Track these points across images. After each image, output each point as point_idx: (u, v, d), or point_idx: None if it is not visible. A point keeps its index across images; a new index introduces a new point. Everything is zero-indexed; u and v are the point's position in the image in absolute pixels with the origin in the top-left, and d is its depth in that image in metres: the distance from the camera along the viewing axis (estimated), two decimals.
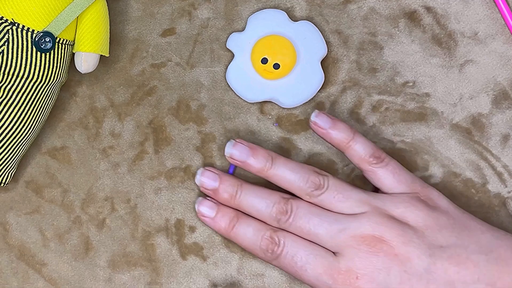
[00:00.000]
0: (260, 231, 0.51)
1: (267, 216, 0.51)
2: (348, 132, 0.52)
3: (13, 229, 0.55)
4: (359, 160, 0.52)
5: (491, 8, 0.55)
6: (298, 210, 0.50)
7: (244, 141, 0.52)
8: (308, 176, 0.51)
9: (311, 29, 0.55)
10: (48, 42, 0.50)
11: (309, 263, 0.50)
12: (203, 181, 0.53)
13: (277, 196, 0.51)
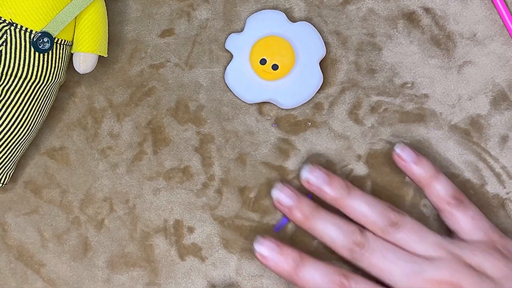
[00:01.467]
0: (330, 276, 0.49)
1: (340, 245, 0.50)
2: (431, 169, 0.51)
3: (11, 230, 0.55)
4: (438, 199, 0.51)
5: (490, 9, 0.55)
6: (374, 244, 0.49)
7: (321, 167, 0.51)
8: (384, 211, 0.50)
9: (309, 30, 0.55)
10: (46, 43, 0.50)
11: None
12: (280, 198, 0.52)
13: (354, 227, 0.50)
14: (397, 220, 0.50)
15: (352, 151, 0.55)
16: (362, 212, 0.50)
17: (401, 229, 0.49)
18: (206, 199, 0.55)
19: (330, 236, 0.50)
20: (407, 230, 0.49)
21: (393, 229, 0.49)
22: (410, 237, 0.49)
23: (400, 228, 0.49)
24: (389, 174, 0.54)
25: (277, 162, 0.55)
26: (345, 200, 0.51)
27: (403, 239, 0.49)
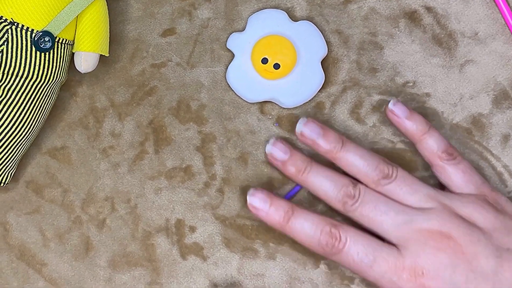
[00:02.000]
0: (319, 225, 0.50)
1: (333, 198, 0.50)
2: (423, 124, 0.52)
3: (13, 229, 0.55)
4: (431, 154, 0.52)
5: (491, 8, 0.55)
6: (366, 196, 0.50)
7: (316, 121, 0.52)
8: (377, 163, 0.50)
9: (311, 29, 0.55)
10: (48, 42, 0.50)
11: (373, 260, 0.49)
12: (273, 152, 0.52)
13: (346, 180, 0.51)
14: (390, 172, 0.50)
15: None
16: (355, 165, 0.51)
17: (393, 181, 0.50)
18: (208, 198, 0.55)
19: (323, 189, 0.51)
20: (399, 182, 0.50)
21: (385, 181, 0.50)
22: (402, 188, 0.50)
23: (393, 180, 0.50)
24: None
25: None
26: (339, 153, 0.51)
27: (395, 190, 0.50)
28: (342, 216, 0.52)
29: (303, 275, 0.54)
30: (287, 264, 0.54)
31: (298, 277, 0.54)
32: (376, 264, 0.49)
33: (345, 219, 0.52)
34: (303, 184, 0.52)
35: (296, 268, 0.54)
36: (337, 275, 0.54)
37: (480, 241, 0.48)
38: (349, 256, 0.49)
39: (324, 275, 0.54)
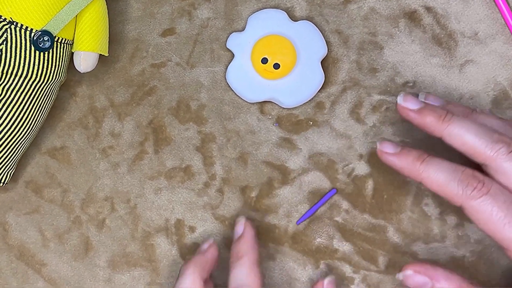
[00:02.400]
0: (459, 167, 0.47)
1: (484, 146, 0.46)
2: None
3: (12, 229, 0.55)
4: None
5: (491, 8, 0.55)
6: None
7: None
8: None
9: (311, 29, 0.55)
10: (47, 41, 0.49)
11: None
12: (406, 103, 0.49)
13: (496, 136, 0.47)
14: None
15: (353, 150, 0.55)
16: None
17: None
18: (208, 198, 0.55)
19: (471, 138, 0.47)
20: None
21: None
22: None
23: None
24: (391, 173, 0.54)
25: (279, 162, 0.55)
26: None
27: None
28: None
29: (303, 275, 0.54)
30: (287, 264, 0.54)
31: (298, 277, 0.54)
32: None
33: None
34: (442, 135, 0.48)
35: (296, 268, 0.54)
36: (337, 275, 0.54)
37: None
38: (492, 204, 0.45)
39: (324, 275, 0.54)
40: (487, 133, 0.46)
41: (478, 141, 0.46)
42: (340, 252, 0.54)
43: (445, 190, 0.46)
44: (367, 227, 0.54)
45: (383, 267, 0.54)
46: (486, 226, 0.46)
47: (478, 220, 0.46)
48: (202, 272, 0.49)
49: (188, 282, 0.49)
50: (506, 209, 0.45)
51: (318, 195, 0.54)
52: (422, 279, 0.48)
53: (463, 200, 0.46)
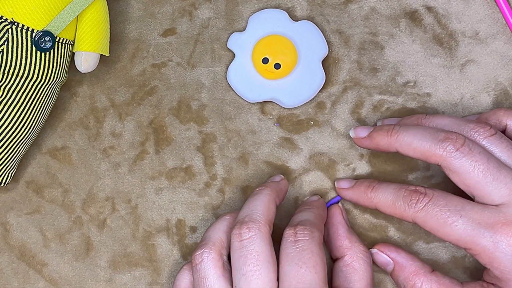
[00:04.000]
0: (402, 187, 0.49)
1: (432, 146, 0.47)
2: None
3: (13, 229, 0.55)
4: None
5: (492, 8, 0.55)
6: (472, 145, 0.47)
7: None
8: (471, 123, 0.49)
9: (312, 29, 0.54)
10: (48, 42, 0.50)
11: (462, 211, 0.46)
12: (357, 133, 0.52)
13: (442, 134, 0.48)
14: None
15: (354, 150, 0.55)
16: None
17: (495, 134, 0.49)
18: (209, 198, 0.55)
19: (417, 140, 0.48)
20: (500, 137, 0.49)
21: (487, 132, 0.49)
22: (503, 143, 0.49)
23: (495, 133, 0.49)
24: (392, 173, 0.54)
25: (280, 162, 0.55)
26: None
27: (499, 143, 0.49)
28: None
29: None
30: None
31: None
32: (465, 216, 0.46)
33: None
34: (395, 147, 0.49)
35: None
36: None
37: None
38: (436, 210, 0.47)
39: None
40: (433, 134, 0.48)
41: (425, 144, 0.48)
42: None
43: (395, 210, 0.49)
44: (368, 227, 0.54)
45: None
46: (439, 232, 0.47)
47: (432, 229, 0.47)
48: (277, 199, 0.50)
49: (263, 203, 0.49)
50: (448, 211, 0.46)
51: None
52: (385, 259, 0.52)
53: (411, 215, 0.48)
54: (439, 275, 0.50)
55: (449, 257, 0.54)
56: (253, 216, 0.47)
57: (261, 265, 0.46)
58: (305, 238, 0.47)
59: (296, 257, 0.46)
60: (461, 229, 0.46)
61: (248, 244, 0.46)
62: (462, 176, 0.47)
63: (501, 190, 0.46)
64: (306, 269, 0.46)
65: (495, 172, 0.46)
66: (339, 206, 0.53)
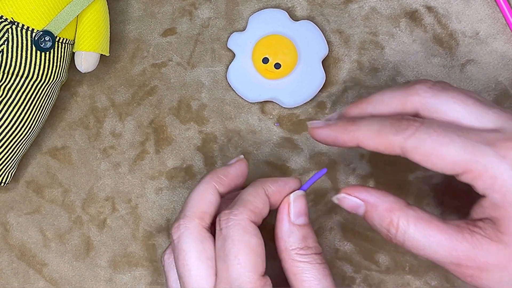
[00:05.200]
0: (390, 116, 0.45)
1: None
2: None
3: (13, 229, 0.55)
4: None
5: (492, 8, 0.55)
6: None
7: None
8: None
9: (312, 29, 0.54)
10: (48, 41, 0.50)
11: (459, 132, 0.42)
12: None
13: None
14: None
15: (354, 150, 0.55)
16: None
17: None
18: None
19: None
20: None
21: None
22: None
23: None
24: (392, 173, 0.54)
25: (280, 161, 0.55)
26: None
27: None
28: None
29: None
30: None
31: None
32: (463, 136, 0.42)
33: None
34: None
35: None
36: (338, 275, 0.54)
37: None
38: (430, 132, 0.43)
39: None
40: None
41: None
42: (341, 252, 0.54)
43: (380, 139, 0.44)
44: (368, 227, 0.54)
45: (384, 267, 0.54)
46: (432, 157, 0.43)
47: (424, 156, 0.43)
48: (219, 185, 0.46)
49: (199, 190, 0.46)
50: (444, 131, 0.43)
51: (320, 194, 0.54)
52: (353, 201, 0.46)
53: (400, 143, 0.43)
54: (417, 208, 0.45)
55: None
56: (184, 212, 0.45)
57: (191, 264, 0.44)
58: (227, 225, 0.44)
59: (221, 250, 0.44)
60: (459, 148, 0.42)
61: (178, 244, 0.44)
62: (443, 113, 0.44)
63: (489, 115, 0.43)
64: (229, 263, 0.43)
65: (476, 102, 0.44)
66: (288, 201, 0.46)
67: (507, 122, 0.43)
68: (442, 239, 0.43)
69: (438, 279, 0.54)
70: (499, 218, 0.42)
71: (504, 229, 0.42)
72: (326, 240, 0.54)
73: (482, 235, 0.43)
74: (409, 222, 0.44)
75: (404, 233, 0.44)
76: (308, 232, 0.46)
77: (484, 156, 0.42)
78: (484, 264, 0.43)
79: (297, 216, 0.46)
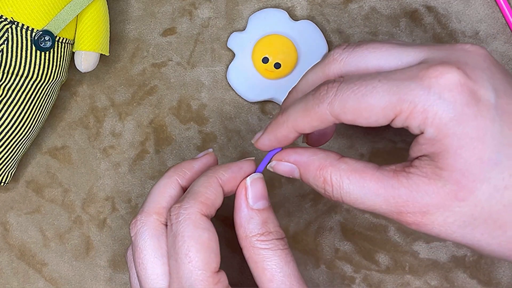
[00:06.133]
0: (310, 91, 0.42)
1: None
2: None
3: (13, 229, 0.55)
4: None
5: (492, 8, 0.55)
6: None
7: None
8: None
9: (312, 29, 0.54)
10: (48, 41, 0.50)
11: (380, 76, 0.40)
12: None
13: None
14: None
15: (354, 149, 0.55)
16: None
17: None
18: None
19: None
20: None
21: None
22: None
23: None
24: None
25: None
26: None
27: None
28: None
29: (304, 274, 0.54)
30: None
31: None
32: (385, 79, 0.40)
33: None
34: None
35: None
36: (337, 274, 0.54)
37: None
38: (348, 87, 0.40)
39: (325, 274, 0.54)
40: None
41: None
42: (341, 252, 0.54)
43: (309, 114, 0.41)
44: (368, 227, 0.54)
45: (384, 267, 0.54)
46: (362, 112, 0.40)
47: (354, 114, 0.40)
48: (182, 179, 0.45)
49: (159, 185, 0.45)
50: (363, 81, 0.40)
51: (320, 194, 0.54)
52: (286, 166, 0.44)
53: (327, 109, 0.40)
54: (349, 160, 0.42)
55: (449, 256, 0.54)
56: (143, 207, 0.44)
57: (146, 262, 0.43)
58: (177, 220, 0.42)
59: (172, 247, 0.42)
60: (384, 92, 0.39)
61: (134, 241, 0.43)
62: (364, 68, 0.42)
63: (409, 51, 0.41)
64: (180, 261, 0.41)
65: (393, 45, 0.42)
66: (244, 185, 0.44)
67: (430, 52, 0.41)
68: (377, 187, 0.40)
69: (438, 279, 0.54)
70: (436, 152, 0.39)
71: (442, 164, 0.39)
72: (326, 240, 0.54)
73: (418, 175, 0.40)
74: (342, 176, 0.41)
75: (339, 188, 0.41)
76: (268, 217, 0.44)
77: (409, 92, 0.39)
78: (424, 207, 0.40)
79: (256, 200, 0.44)
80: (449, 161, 0.39)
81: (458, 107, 0.38)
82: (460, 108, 0.38)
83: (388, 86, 0.39)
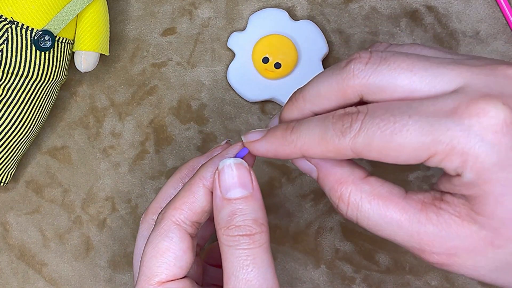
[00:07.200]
0: (329, 113, 0.37)
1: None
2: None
3: (13, 229, 0.55)
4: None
5: (493, 8, 0.55)
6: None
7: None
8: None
9: (312, 29, 0.54)
10: (48, 41, 0.49)
11: (410, 111, 0.35)
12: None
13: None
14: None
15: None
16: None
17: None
18: None
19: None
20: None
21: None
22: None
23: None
24: (392, 172, 0.54)
25: (280, 161, 0.55)
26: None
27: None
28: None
29: (304, 275, 0.54)
30: (288, 264, 0.54)
31: (299, 277, 0.54)
32: (416, 115, 0.35)
33: None
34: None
35: (297, 268, 0.54)
36: (338, 275, 0.54)
37: None
38: (376, 122, 0.35)
39: (325, 275, 0.54)
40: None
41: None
42: (341, 252, 0.54)
43: (327, 146, 0.37)
44: None
45: (384, 267, 0.54)
46: (390, 151, 0.35)
47: (381, 153, 0.36)
48: (186, 177, 0.44)
49: (162, 190, 0.44)
50: (392, 116, 0.35)
51: (320, 194, 0.54)
52: (305, 164, 0.40)
53: (349, 145, 0.36)
54: (374, 182, 0.38)
55: None
56: (147, 206, 0.45)
57: (133, 260, 0.44)
58: (156, 224, 0.41)
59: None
60: (416, 131, 0.35)
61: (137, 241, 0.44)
62: (391, 91, 0.36)
63: (445, 74, 0.36)
64: (140, 264, 0.41)
65: (426, 63, 0.36)
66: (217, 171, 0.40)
67: (468, 75, 0.36)
68: (402, 219, 0.37)
69: (438, 279, 0.54)
70: (474, 196, 0.35)
71: (479, 210, 0.35)
72: (326, 240, 0.54)
73: (450, 214, 0.36)
74: (362, 199, 0.37)
75: (357, 210, 0.37)
76: (240, 208, 0.39)
77: (446, 133, 0.34)
78: (453, 249, 0.36)
79: (228, 189, 0.39)
80: (489, 208, 0.35)
81: (503, 151, 0.34)
82: (505, 152, 0.34)
83: (421, 124, 0.35)
